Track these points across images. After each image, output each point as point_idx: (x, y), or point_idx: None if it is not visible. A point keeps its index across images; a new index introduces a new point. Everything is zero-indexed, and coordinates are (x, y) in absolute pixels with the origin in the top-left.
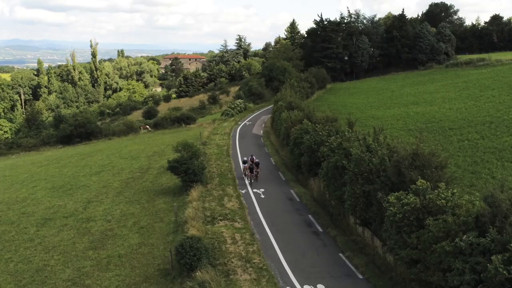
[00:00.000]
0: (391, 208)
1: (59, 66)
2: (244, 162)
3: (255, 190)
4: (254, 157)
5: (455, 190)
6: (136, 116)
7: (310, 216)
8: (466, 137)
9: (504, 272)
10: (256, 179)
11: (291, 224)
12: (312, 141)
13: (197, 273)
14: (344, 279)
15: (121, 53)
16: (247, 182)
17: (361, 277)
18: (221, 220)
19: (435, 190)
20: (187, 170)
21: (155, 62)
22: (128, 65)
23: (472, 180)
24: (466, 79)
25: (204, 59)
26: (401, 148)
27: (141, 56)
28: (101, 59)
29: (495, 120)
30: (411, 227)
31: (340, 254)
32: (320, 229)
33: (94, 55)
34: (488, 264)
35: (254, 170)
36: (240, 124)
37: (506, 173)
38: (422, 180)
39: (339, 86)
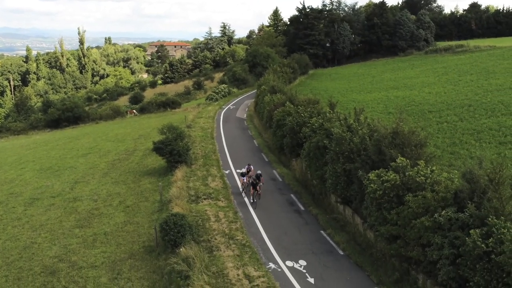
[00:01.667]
0: (372, 185)
1: (47, 53)
2: (243, 174)
3: (238, 170)
4: (251, 166)
5: (434, 168)
6: (123, 101)
7: (292, 195)
8: (445, 119)
9: (482, 245)
10: (259, 197)
11: (274, 203)
12: (294, 122)
13: (181, 249)
14: (325, 255)
15: (108, 40)
16: (247, 201)
17: (342, 254)
18: (205, 199)
19: (415, 168)
20: (172, 151)
21: (141, 49)
22: (115, 52)
23: (451, 160)
24: (445, 65)
25: (189, 46)
26: (381, 127)
27: (128, 44)
28: (88, 46)
29: (473, 103)
30: (391, 204)
31: (322, 232)
32: (302, 208)
33: (81, 42)
34: (466, 238)
35: (257, 186)
36: (224, 108)
37: (484, 153)
38: (402, 158)
39: (321, 72)
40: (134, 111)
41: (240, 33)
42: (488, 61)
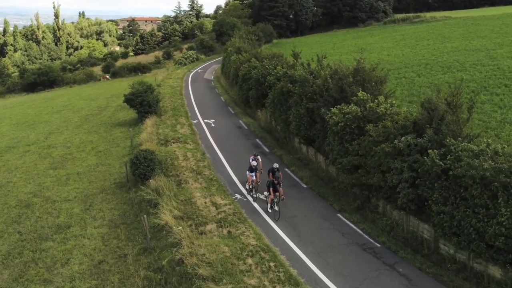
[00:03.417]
0: (334, 117)
1: (24, 27)
2: (251, 169)
3: (206, 120)
4: (259, 157)
5: (394, 101)
6: (96, 71)
7: (257, 140)
8: (403, 75)
9: (440, 163)
10: (278, 200)
11: (240, 146)
12: (259, 74)
13: (150, 181)
14: (290, 188)
15: (82, 14)
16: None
17: (305, 187)
18: (174, 142)
19: (375, 100)
20: (142, 102)
21: (113, 23)
22: (89, 26)
23: (409, 109)
24: (403, 33)
25: (160, 22)
26: (343, 67)
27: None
28: (63, 20)
29: (430, 62)
30: (352, 135)
31: (286, 169)
32: (267, 150)
33: (56, 15)
34: (425, 158)
35: (280, 187)
36: (192, 71)
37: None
38: (362, 92)
39: (284, 41)
40: (107, 76)
41: (208, 10)
42: (443, 29)
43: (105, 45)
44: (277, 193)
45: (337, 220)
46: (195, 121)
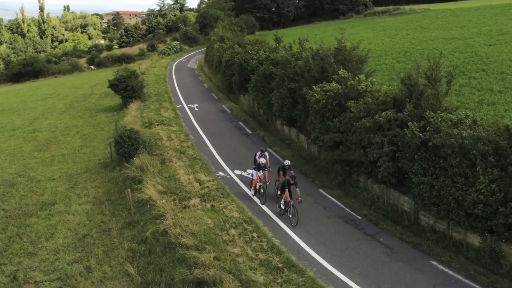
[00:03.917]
0: (315, 95)
1: (9, 21)
2: (259, 167)
3: (189, 105)
4: (267, 153)
5: (374, 79)
6: (81, 63)
7: (240, 122)
8: (383, 62)
9: (420, 135)
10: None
11: (223, 128)
12: (242, 59)
13: (135, 159)
14: (271, 165)
15: (67, 8)
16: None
17: (289, 164)
18: (158, 125)
19: (356, 78)
20: (127, 87)
21: (98, 17)
22: (73, 19)
23: (390, 87)
24: (383, 25)
25: (144, 15)
26: (325, 47)
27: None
28: (48, 13)
29: (409, 50)
30: (334, 113)
31: (269, 149)
32: (250, 132)
33: (41, 9)
34: (405, 130)
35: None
36: (176, 61)
37: None
38: (343, 70)
39: (267, 33)
40: (92, 66)
41: (192, 4)
42: (423, 20)
43: (90, 38)
44: (291, 199)
45: (319, 195)
46: (178, 106)
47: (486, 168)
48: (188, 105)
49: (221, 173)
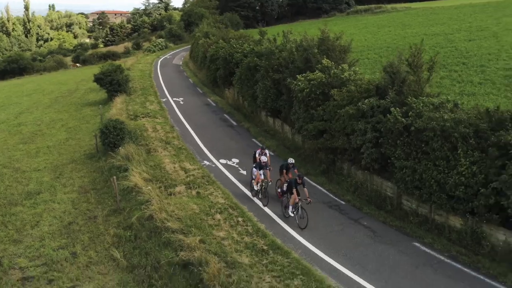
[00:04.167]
0: (299, 83)
1: None
2: (260, 166)
3: (174, 99)
4: (267, 151)
5: (357, 69)
6: (67, 61)
7: (225, 115)
8: (366, 56)
9: (403, 119)
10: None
11: (208, 121)
12: (227, 53)
13: (120, 149)
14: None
15: (52, 7)
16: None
17: (272, 154)
18: (143, 117)
19: (339, 67)
20: (112, 81)
21: (83, 16)
22: (59, 18)
23: (372, 76)
24: (365, 22)
25: (129, 14)
26: (309, 38)
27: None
28: (33, 12)
29: (391, 45)
30: (317, 101)
31: (253, 139)
32: (235, 123)
33: (27, 8)
34: (388, 115)
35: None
36: (161, 57)
37: None
38: (327, 59)
39: (251, 31)
40: (77, 64)
41: (177, 4)
42: (404, 18)
43: (75, 37)
44: (300, 198)
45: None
46: (164, 100)
47: (467, 150)
48: (173, 99)
49: (206, 162)
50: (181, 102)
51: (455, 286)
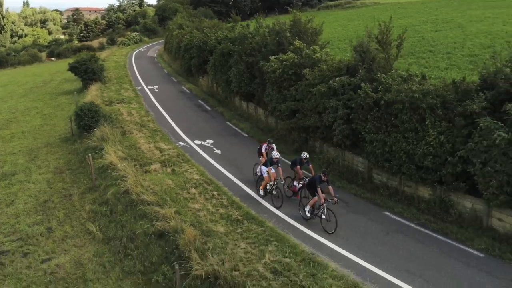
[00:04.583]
0: (272, 64)
1: None
2: (271, 162)
3: (149, 87)
4: (274, 145)
5: (328, 50)
6: (42, 56)
7: (200, 101)
8: (336, 46)
9: (373, 94)
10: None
11: (182, 106)
12: (201, 41)
13: (95, 130)
14: (230, 137)
15: (26, 3)
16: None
17: (246, 135)
18: (118, 103)
19: (311, 47)
20: (87, 69)
21: (58, 12)
22: (33, 14)
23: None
24: (336, 16)
25: (104, 11)
26: (281, 22)
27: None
28: (7, 8)
29: (361, 36)
30: (290, 82)
31: (227, 122)
32: (209, 108)
33: (0, 4)
34: (358, 90)
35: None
36: (136, 50)
37: None
38: (299, 41)
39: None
40: (52, 58)
41: (151, 1)
42: (373, 12)
43: (50, 33)
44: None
45: None
46: (139, 88)
47: (434, 121)
48: (148, 87)
49: (181, 143)
50: (156, 90)
51: (424, 249)
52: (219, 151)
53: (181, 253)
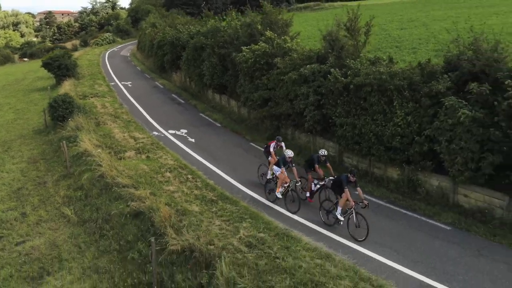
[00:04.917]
0: (244, 54)
1: None
2: (286, 162)
3: (123, 82)
4: (283, 143)
5: (299, 40)
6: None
7: (173, 95)
8: (306, 44)
9: (342, 78)
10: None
11: (156, 100)
12: (173, 37)
13: (69, 121)
14: (204, 127)
15: None
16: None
17: (219, 125)
18: (92, 97)
19: (282, 38)
20: (60, 65)
21: (30, 15)
22: (5, 17)
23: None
24: (305, 18)
25: (77, 14)
26: (252, 15)
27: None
28: None
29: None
30: (262, 71)
31: (201, 114)
32: (183, 101)
33: None
34: (328, 75)
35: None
36: (109, 50)
37: None
38: (270, 32)
39: None
40: (25, 59)
41: (123, 4)
42: (341, 13)
43: (22, 36)
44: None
45: (249, 147)
46: (112, 83)
47: (402, 102)
48: (122, 83)
49: (155, 133)
50: (130, 85)
51: (394, 224)
52: (193, 140)
53: (157, 230)
